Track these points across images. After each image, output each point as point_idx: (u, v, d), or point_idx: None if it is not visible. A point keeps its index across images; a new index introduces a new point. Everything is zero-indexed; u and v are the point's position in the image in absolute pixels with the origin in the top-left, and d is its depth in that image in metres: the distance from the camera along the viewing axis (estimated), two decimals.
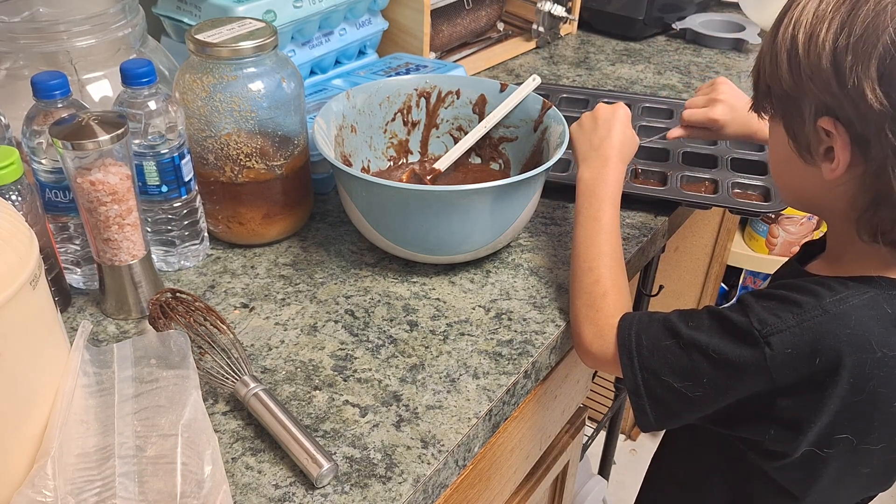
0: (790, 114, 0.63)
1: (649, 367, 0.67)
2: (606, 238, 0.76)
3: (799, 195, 0.70)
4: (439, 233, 0.78)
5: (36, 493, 0.51)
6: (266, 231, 0.86)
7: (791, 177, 0.68)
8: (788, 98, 0.62)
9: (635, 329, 0.69)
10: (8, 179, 0.67)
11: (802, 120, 0.62)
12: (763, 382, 0.62)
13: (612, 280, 0.74)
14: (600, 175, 0.78)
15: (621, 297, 0.73)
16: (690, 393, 0.65)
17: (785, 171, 0.68)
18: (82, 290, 0.80)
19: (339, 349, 0.73)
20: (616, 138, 0.80)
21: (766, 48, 0.64)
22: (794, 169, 0.65)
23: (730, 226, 1.69)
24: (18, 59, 0.80)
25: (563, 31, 1.44)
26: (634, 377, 0.68)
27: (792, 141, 0.64)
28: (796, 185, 0.68)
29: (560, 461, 1.00)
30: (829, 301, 0.61)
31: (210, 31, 0.78)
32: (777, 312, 0.62)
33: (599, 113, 0.83)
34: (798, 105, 0.61)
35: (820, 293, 0.62)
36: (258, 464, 0.62)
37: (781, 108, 0.64)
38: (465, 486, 0.73)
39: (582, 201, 0.78)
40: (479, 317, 0.77)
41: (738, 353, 0.62)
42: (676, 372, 0.66)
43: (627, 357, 0.69)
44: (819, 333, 0.60)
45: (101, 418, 0.59)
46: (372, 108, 0.93)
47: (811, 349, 0.60)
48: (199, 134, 0.80)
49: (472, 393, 0.69)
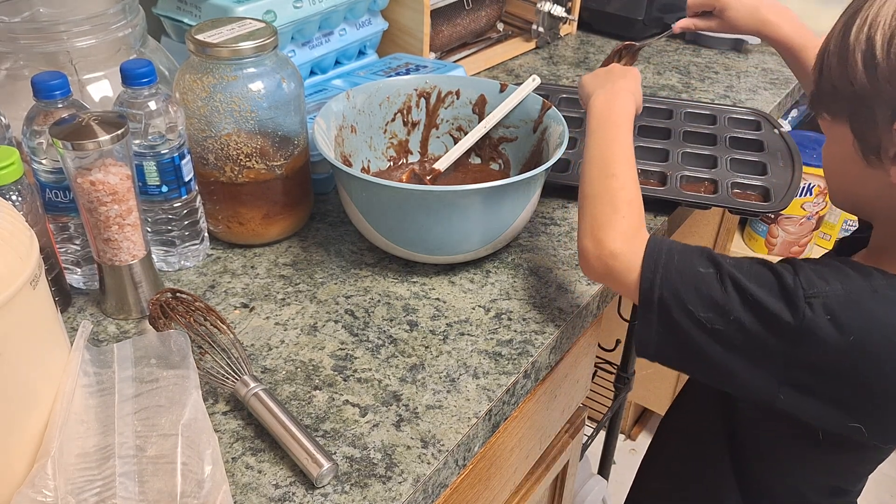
0: (860, 115, 0.61)
1: (674, 286, 0.63)
2: (627, 153, 0.71)
3: (852, 196, 0.68)
4: (439, 233, 0.78)
5: (36, 492, 0.51)
6: (266, 231, 0.86)
7: (847, 177, 0.66)
8: (860, 100, 0.60)
9: (667, 247, 0.65)
10: (8, 179, 0.67)
11: (874, 122, 0.60)
12: (788, 345, 0.60)
13: (636, 191, 0.69)
14: (616, 101, 0.75)
15: (643, 212, 0.69)
16: (710, 325, 0.62)
17: (841, 171, 0.67)
18: (82, 290, 0.80)
19: (339, 349, 0.73)
20: (631, 82, 0.78)
21: (833, 47, 0.61)
22: (852, 169, 0.64)
23: (729, 226, 1.69)
24: (18, 59, 0.80)
25: (562, 32, 1.44)
26: (652, 292, 0.64)
27: (858, 142, 0.62)
28: (851, 185, 0.67)
29: (560, 461, 1.00)
30: (881, 282, 0.60)
31: (210, 32, 0.78)
32: (826, 277, 0.60)
33: (615, 67, 0.83)
34: (870, 107, 0.59)
35: (873, 274, 0.61)
36: (258, 464, 0.62)
37: (849, 109, 0.62)
38: (465, 485, 0.73)
39: (597, 122, 0.74)
40: (479, 317, 0.77)
41: (777, 307, 0.60)
42: (704, 300, 0.62)
43: (651, 270, 0.64)
44: (864, 310, 0.59)
45: (101, 418, 0.59)
46: (372, 109, 0.93)
47: (850, 324, 0.58)
48: (200, 134, 0.80)
49: (472, 393, 0.69)
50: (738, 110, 1.13)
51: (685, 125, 1.09)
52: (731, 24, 0.92)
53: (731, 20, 0.91)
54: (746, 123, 1.10)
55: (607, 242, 0.67)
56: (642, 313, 0.65)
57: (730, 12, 0.90)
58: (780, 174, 0.98)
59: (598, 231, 0.68)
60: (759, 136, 1.06)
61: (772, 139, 1.06)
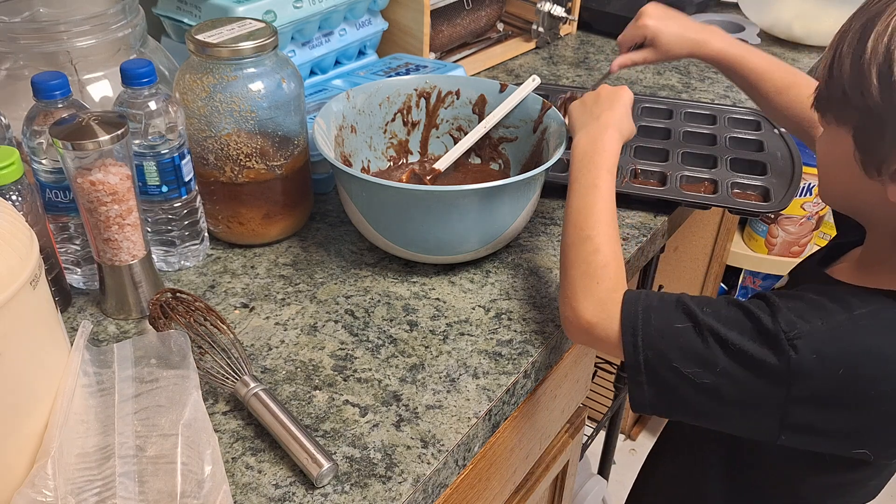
0: (867, 128, 0.59)
1: (656, 346, 0.63)
2: (605, 207, 0.71)
3: (845, 198, 0.67)
4: (439, 233, 0.78)
5: (36, 492, 0.51)
6: (266, 231, 0.86)
7: (843, 180, 0.64)
8: (870, 112, 0.58)
9: (643, 305, 0.65)
10: (8, 179, 0.67)
11: (881, 138, 0.58)
12: (779, 388, 0.59)
13: (612, 251, 0.69)
14: (599, 141, 0.74)
15: (621, 270, 0.69)
16: (698, 380, 0.61)
17: (837, 173, 0.65)
18: (82, 290, 0.80)
19: (339, 349, 0.73)
20: (618, 112, 0.77)
21: (846, 49, 0.59)
22: (849, 175, 0.62)
23: (729, 226, 1.69)
24: (18, 59, 0.80)
25: (562, 32, 1.44)
26: (636, 354, 0.64)
27: (860, 153, 0.60)
28: (847, 191, 0.65)
29: (560, 461, 1.00)
30: (860, 312, 0.59)
31: (210, 32, 0.78)
32: (805, 316, 0.59)
33: (603, 91, 0.81)
34: (880, 121, 0.57)
35: (851, 303, 0.60)
36: (258, 463, 0.62)
37: (857, 120, 0.60)
38: (465, 485, 0.73)
39: (578, 168, 0.74)
40: (478, 317, 0.77)
41: (761, 353, 0.59)
42: (688, 356, 0.62)
43: (631, 334, 0.64)
44: (848, 343, 0.58)
45: (101, 418, 0.59)
46: (372, 109, 0.93)
47: (837, 358, 0.58)
48: (200, 134, 0.80)
49: (472, 393, 0.69)
50: (738, 110, 1.13)
51: (685, 125, 1.09)
52: (664, 52, 0.91)
53: (664, 47, 0.91)
54: (746, 123, 1.10)
55: (583, 312, 0.67)
56: (631, 375, 0.65)
57: (660, 39, 0.90)
58: (780, 174, 0.98)
59: (574, 300, 0.68)
60: (759, 136, 1.06)
61: (772, 139, 1.06)
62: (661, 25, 0.90)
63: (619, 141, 0.76)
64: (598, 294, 0.67)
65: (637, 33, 0.92)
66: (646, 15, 0.91)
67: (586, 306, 0.67)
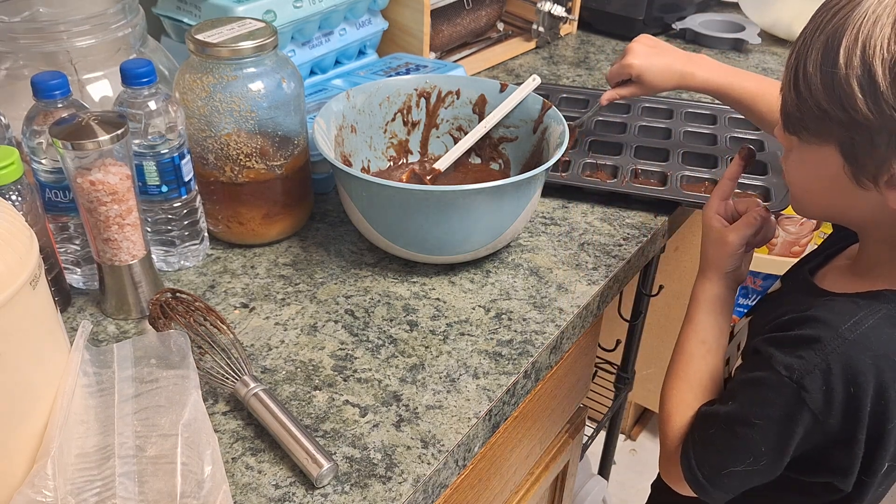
0: (856, 140, 0.58)
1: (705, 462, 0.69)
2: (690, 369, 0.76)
3: (833, 213, 0.67)
4: (439, 233, 0.78)
5: (36, 493, 0.51)
6: (266, 231, 0.86)
7: (831, 197, 0.64)
8: (858, 125, 0.57)
9: (685, 433, 0.71)
10: (8, 179, 0.67)
11: (873, 148, 0.57)
12: (813, 423, 0.62)
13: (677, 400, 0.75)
14: (704, 289, 0.79)
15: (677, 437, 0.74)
16: (754, 467, 0.65)
17: (824, 191, 0.64)
18: (82, 290, 0.80)
19: (339, 349, 0.73)
20: (720, 257, 0.77)
21: (812, 69, 0.58)
22: (838, 190, 0.62)
23: None
24: (18, 59, 0.80)
25: (562, 31, 1.44)
26: (695, 476, 0.69)
27: (851, 166, 0.60)
28: (834, 203, 0.65)
29: (560, 461, 1.00)
30: (846, 328, 0.60)
31: (210, 31, 0.78)
32: (799, 353, 0.61)
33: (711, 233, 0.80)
34: (871, 132, 0.57)
35: (833, 322, 0.61)
36: (258, 464, 0.62)
37: (842, 134, 0.59)
38: (465, 486, 0.73)
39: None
40: (479, 317, 0.77)
41: (780, 407, 0.62)
42: (733, 455, 0.66)
43: (686, 463, 0.70)
44: (846, 362, 0.59)
45: (101, 418, 0.59)
46: (372, 108, 0.93)
47: (843, 380, 0.59)
48: (199, 134, 0.80)
49: (472, 393, 0.69)
50: None
51: (686, 125, 1.09)
52: (651, 88, 0.92)
53: (649, 83, 0.92)
54: (747, 123, 1.10)
55: (669, 476, 0.75)
56: (700, 494, 0.70)
57: (646, 77, 0.91)
58: (780, 174, 0.97)
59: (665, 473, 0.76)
60: (759, 136, 1.06)
61: (772, 139, 1.05)
62: (645, 64, 0.91)
63: (722, 288, 0.77)
64: (666, 445, 0.75)
65: (623, 71, 0.93)
66: (631, 53, 0.92)
67: (668, 468, 0.75)
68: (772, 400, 0.62)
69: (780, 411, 0.62)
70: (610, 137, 1.06)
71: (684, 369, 0.75)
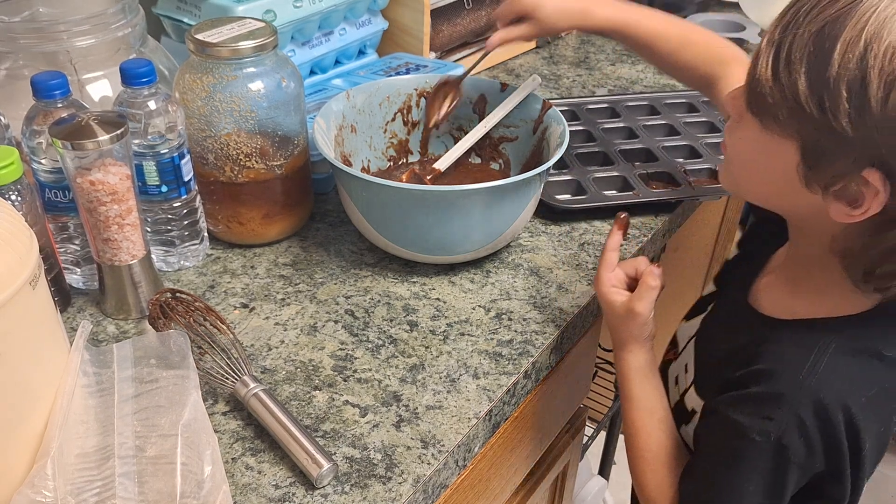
0: (821, 146, 0.54)
1: None
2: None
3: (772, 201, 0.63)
4: (439, 233, 0.78)
5: (36, 493, 0.51)
6: (266, 231, 0.86)
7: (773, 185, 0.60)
8: (831, 131, 0.52)
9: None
10: (8, 179, 0.67)
11: (836, 158, 0.53)
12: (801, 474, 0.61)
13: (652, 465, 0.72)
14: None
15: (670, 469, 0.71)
16: None
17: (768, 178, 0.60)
18: (82, 290, 0.80)
19: (339, 349, 0.73)
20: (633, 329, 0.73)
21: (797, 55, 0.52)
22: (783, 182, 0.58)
23: (730, 225, 1.69)
24: (18, 59, 0.80)
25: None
26: None
27: (806, 168, 0.56)
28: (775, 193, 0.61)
29: (560, 461, 1.00)
30: (804, 375, 0.59)
31: (210, 31, 0.78)
32: (767, 414, 0.60)
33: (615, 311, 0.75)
34: (839, 143, 0.52)
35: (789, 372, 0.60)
36: (258, 464, 0.62)
37: (810, 134, 0.54)
38: (465, 486, 0.73)
39: None
40: (479, 317, 0.77)
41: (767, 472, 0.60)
42: None
43: None
44: (814, 409, 0.59)
45: (100, 418, 0.59)
46: (372, 108, 0.93)
47: (817, 425, 0.59)
48: (199, 134, 0.80)
49: (472, 393, 0.69)
50: None
51: (684, 116, 1.12)
52: (545, 26, 0.84)
53: (544, 21, 0.83)
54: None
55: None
56: None
57: (540, 13, 0.82)
58: None
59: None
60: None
61: None
62: None
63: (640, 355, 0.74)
64: None
65: (514, 8, 0.84)
66: None
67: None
68: (758, 467, 0.60)
69: (768, 476, 0.60)
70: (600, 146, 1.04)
71: (647, 448, 0.71)
